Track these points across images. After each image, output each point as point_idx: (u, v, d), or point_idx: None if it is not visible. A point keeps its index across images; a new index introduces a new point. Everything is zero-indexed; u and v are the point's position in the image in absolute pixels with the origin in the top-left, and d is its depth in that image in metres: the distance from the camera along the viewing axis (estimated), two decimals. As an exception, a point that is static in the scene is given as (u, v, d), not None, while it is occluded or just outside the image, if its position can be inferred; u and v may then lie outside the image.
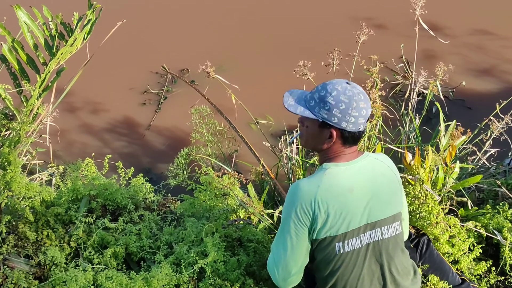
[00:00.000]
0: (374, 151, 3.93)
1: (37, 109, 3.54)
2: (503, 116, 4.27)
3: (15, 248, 3.14)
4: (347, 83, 2.56)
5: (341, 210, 2.51)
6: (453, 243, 3.48)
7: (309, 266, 2.70)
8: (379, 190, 2.62)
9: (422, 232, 3.35)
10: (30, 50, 3.75)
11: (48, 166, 4.15)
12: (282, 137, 4.68)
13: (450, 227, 3.53)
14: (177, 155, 4.83)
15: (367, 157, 2.67)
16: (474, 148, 4.43)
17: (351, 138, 2.57)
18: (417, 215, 3.52)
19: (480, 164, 4.47)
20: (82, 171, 3.68)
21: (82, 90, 5.93)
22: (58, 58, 3.42)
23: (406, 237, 2.87)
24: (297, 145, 4.42)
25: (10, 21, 4.19)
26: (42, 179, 4.48)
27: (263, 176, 4.21)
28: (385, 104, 4.09)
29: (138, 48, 6.76)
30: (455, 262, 3.48)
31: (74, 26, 3.67)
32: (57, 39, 3.69)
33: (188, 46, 6.80)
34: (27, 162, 4.52)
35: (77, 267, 2.97)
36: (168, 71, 5.03)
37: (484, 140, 4.43)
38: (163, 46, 6.82)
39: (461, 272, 3.43)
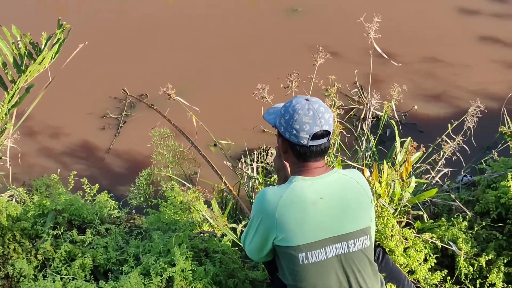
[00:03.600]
0: (332, 168, 4.06)
1: (6, 124, 3.58)
2: (454, 137, 4.45)
3: (-18, 262, 3.16)
4: (307, 99, 2.65)
5: (302, 222, 2.58)
6: (409, 254, 3.61)
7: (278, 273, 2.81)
8: (347, 204, 2.67)
9: (377, 243, 3.46)
10: (-2, 68, 3.80)
11: (8, 188, 4.16)
12: (242, 157, 4.79)
13: (406, 239, 3.66)
14: (138, 176, 4.88)
15: (336, 173, 2.72)
16: (428, 167, 4.60)
17: (299, 152, 2.65)
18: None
19: (434, 182, 4.65)
20: (47, 187, 3.71)
21: (41, 114, 5.95)
22: (26, 76, 3.47)
23: None
24: (257, 163, 4.53)
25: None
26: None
27: (225, 194, 4.31)
28: (343, 125, 4.25)
29: (97, 73, 6.81)
30: (412, 272, 3.60)
31: (43, 45, 3.73)
32: (26, 58, 3.74)
33: (146, 72, 6.86)
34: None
35: (45, 278, 3.00)
36: (128, 94, 5.11)
37: (437, 160, 4.58)
38: (121, 71, 6.88)
39: (418, 281, 3.55)
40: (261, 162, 4.94)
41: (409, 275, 3.55)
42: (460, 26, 7.62)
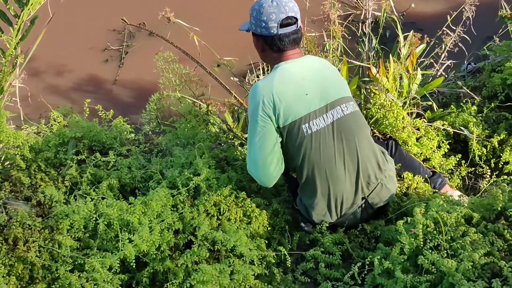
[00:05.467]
0: (339, 70, 4.11)
1: (16, 58, 3.61)
2: (454, 28, 4.47)
3: (12, 194, 3.23)
4: None
5: (298, 95, 2.84)
6: (422, 143, 3.69)
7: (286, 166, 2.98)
8: (328, 76, 2.96)
9: (389, 136, 3.56)
10: (0, 4, 3.78)
11: (22, 127, 4.23)
12: (248, 73, 4.82)
13: (418, 129, 3.74)
14: (148, 102, 4.92)
15: (309, 57, 3.03)
16: (432, 61, 4.65)
17: (273, 43, 2.90)
18: (385, 122, 3.72)
19: (439, 74, 4.69)
20: (64, 117, 3.77)
21: (44, 53, 5.93)
22: (28, 9, 3.48)
23: None
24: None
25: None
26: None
27: (236, 108, 4.36)
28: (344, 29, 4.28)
29: (94, 7, 6.79)
30: (427, 160, 3.70)
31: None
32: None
33: (141, 2, 6.83)
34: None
35: (76, 201, 3.09)
36: (127, 23, 5.09)
37: (440, 54, 4.63)
38: (117, 2, 6.84)
39: (433, 167, 3.65)
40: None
41: (424, 163, 3.64)
42: None
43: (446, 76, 4.67)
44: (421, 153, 3.67)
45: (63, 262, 2.76)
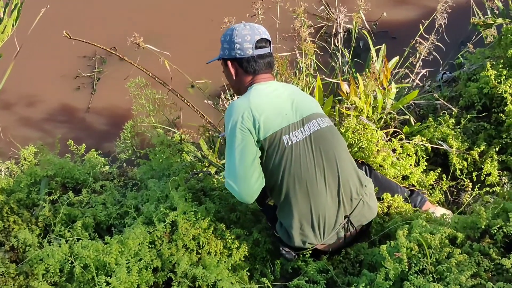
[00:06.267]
0: (313, 88, 4.06)
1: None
2: (428, 37, 4.45)
3: (-16, 239, 3.15)
4: (241, 22, 2.93)
5: (275, 109, 2.82)
6: (398, 163, 3.63)
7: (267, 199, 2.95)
8: (299, 96, 2.97)
9: (361, 161, 3.50)
10: (-38, 44, 3.72)
11: (-4, 162, 4.14)
12: (221, 93, 4.76)
13: (394, 150, 3.68)
14: (122, 130, 4.85)
15: (280, 83, 3.05)
16: (407, 71, 4.62)
17: (248, 65, 2.91)
18: (359, 145, 3.66)
19: (414, 85, 4.66)
20: (34, 155, 3.70)
21: (14, 85, 5.84)
22: (-9, 47, 3.41)
23: None
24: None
25: None
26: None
27: (211, 132, 4.30)
28: (316, 44, 4.23)
29: (60, 35, 6.67)
30: (405, 178, 3.64)
31: (2, 14, 3.66)
32: (-13, 30, 3.67)
33: (111, 26, 6.74)
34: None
35: (50, 244, 3.01)
36: (71, 37, 4.93)
37: (414, 63, 4.60)
38: (86, 29, 6.74)
39: (413, 185, 3.59)
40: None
41: (404, 181, 3.59)
42: None
43: (422, 86, 4.64)
44: (398, 175, 3.61)
45: (39, 310, 2.68)
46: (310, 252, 2.99)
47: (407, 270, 2.57)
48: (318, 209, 2.87)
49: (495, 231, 2.63)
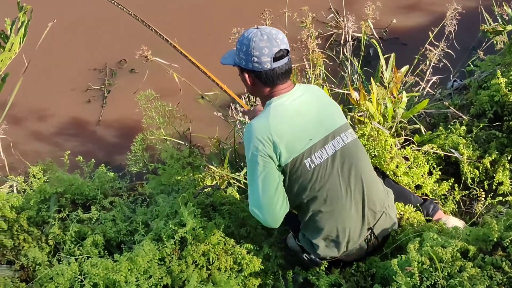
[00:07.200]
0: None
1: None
2: (438, 44, 4.42)
3: (-5, 258, 3.15)
4: (257, 28, 2.74)
5: (297, 131, 2.72)
6: (411, 172, 3.60)
7: (291, 206, 2.86)
8: (324, 105, 2.86)
9: (374, 167, 3.47)
10: (-31, 63, 3.73)
11: (7, 178, 4.14)
12: (231, 105, 4.75)
13: (407, 159, 3.65)
14: (132, 143, 4.84)
15: (300, 86, 2.87)
16: (417, 79, 4.58)
17: (266, 78, 2.75)
18: (373, 152, 3.63)
19: (425, 93, 4.63)
20: (43, 172, 3.70)
21: (24, 100, 5.88)
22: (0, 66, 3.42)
23: None
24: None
25: None
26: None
27: (221, 145, 4.29)
28: (325, 54, 4.21)
29: (71, 48, 6.71)
30: (418, 187, 3.61)
31: (9, 31, 3.66)
32: (-6, 48, 3.68)
33: (121, 38, 6.75)
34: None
35: (60, 262, 3.00)
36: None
37: (425, 70, 4.57)
38: (96, 41, 6.77)
39: (425, 195, 3.56)
40: (251, 106, 4.90)
41: (417, 190, 3.56)
42: None
43: (433, 93, 4.61)
44: (412, 182, 3.58)
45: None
46: (327, 264, 2.97)
47: (418, 284, 2.54)
48: (344, 226, 2.84)
49: (508, 243, 2.60)
